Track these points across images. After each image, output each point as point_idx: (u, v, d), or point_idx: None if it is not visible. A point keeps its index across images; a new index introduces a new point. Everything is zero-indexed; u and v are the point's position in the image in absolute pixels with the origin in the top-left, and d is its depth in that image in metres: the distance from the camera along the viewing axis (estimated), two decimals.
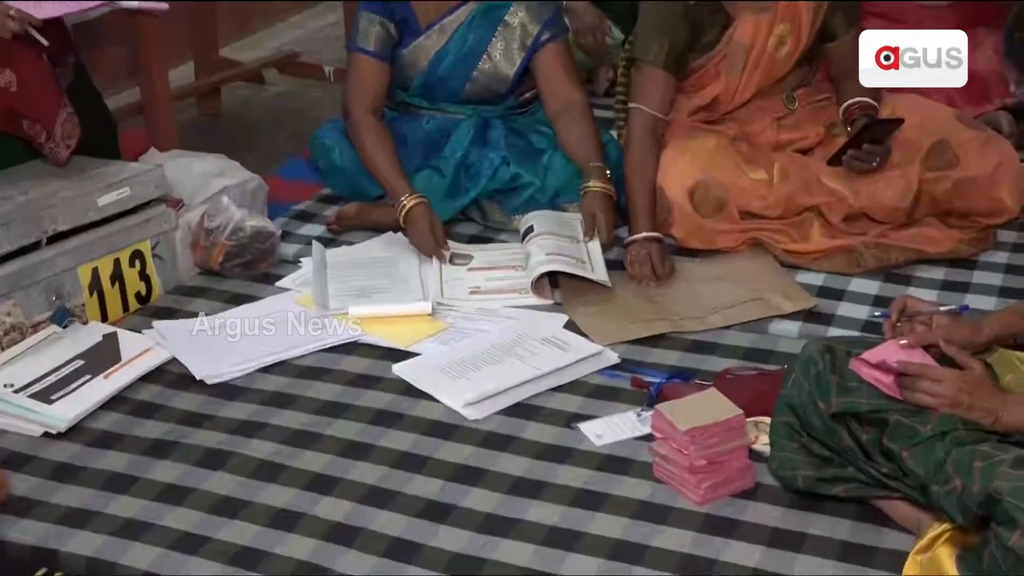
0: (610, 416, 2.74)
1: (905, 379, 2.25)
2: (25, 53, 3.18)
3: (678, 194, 3.33)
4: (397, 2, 3.56)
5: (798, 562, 2.30)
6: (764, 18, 3.42)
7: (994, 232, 3.31)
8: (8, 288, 3.03)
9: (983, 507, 2.05)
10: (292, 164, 4.01)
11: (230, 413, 2.85)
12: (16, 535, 2.46)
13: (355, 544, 2.40)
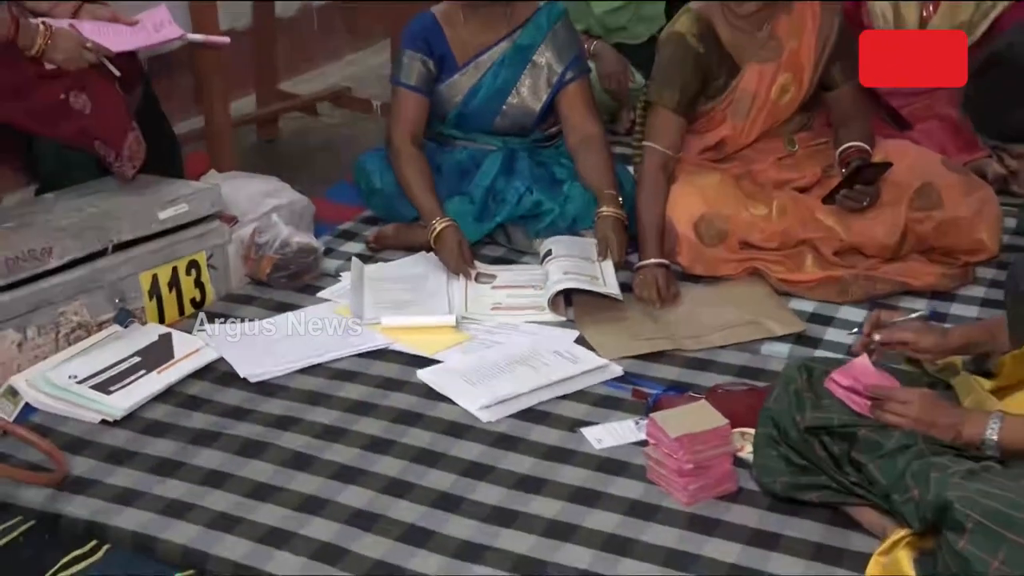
0: (611, 423, 2.76)
1: (875, 400, 2.27)
2: (99, 81, 3.24)
3: (685, 225, 3.33)
4: (437, 42, 3.57)
5: (771, 560, 2.31)
6: (768, 68, 3.43)
7: (973, 269, 3.30)
8: (77, 290, 3.06)
9: (936, 514, 2.07)
10: (338, 188, 4.01)
11: (268, 408, 2.87)
12: (71, 510, 2.49)
13: (373, 529, 2.42)
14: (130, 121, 3.29)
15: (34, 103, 3.18)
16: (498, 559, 2.33)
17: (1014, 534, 1.95)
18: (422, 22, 3.62)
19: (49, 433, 2.73)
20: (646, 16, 4.41)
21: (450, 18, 3.60)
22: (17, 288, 2.97)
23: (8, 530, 2.49)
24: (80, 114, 3.20)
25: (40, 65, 3.17)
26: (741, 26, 3.41)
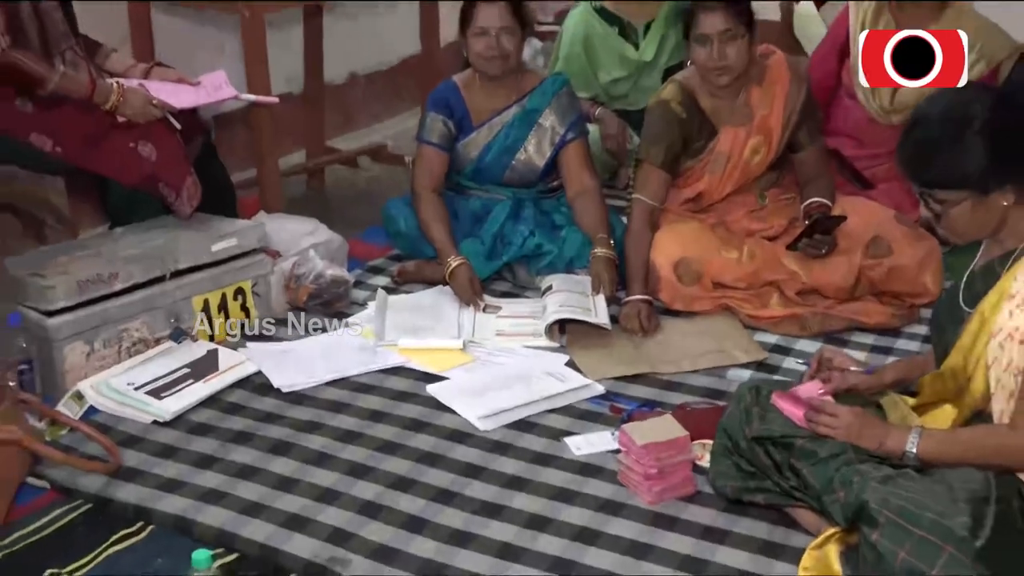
0: (590, 433, 2.77)
1: (810, 412, 2.29)
2: (163, 132, 3.26)
3: (666, 267, 3.33)
4: (457, 105, 3.59)
5: (720, 552, 2.34)
6: (742, 132, 3.43)
7: (918, 309, 3.30)
8: (139, 310, 3.09)
9: (857, 513, 2.10)
10: (370, 230, 4.02)
11: (296, 415, 2.89)
12: (122, 495, 2.54)
13: (379, 517, 2.46)
14: (189, 167, 3.31)
15: (108, 151, 3.21)
16: (485, 546, 2.37)
17: (919, 529, 1.99)
18: (445, 88, 3.64)
19: (108, 430, 2.75)
20: (644, 87, 4.36)
21: (468, 85, 3.61)
22: (87, 307, 2.99)
23: (69, 511, 2.53)
24: (146, 161, 3.23)
25: (113, 118, 3.19)
26: (719, 95, 3.42)
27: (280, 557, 2.36)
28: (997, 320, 2.14)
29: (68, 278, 2.97)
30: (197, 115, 3.48)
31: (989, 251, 2.27)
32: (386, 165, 4.80)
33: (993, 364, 2.15)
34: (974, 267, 2.29)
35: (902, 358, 2.82)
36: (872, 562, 2.05)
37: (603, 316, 3.24)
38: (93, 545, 2.42)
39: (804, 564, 2.23)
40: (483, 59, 3.51)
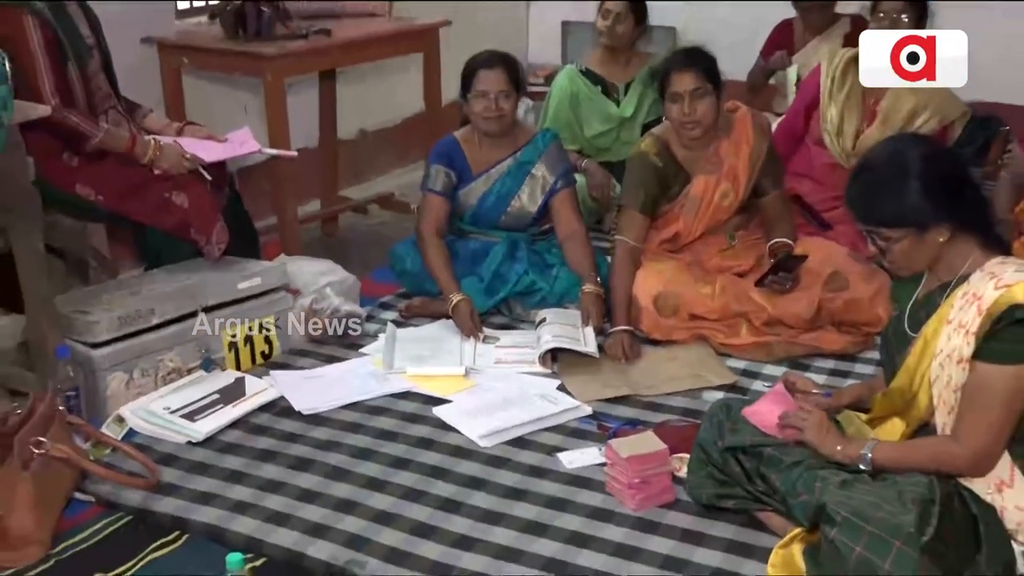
0: (580, 449, 2.80)
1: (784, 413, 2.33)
2: (194, 183, 3.27)
3: (646, 300, 3.35)
4: (457, 158, 3.60)
5: (698, 553, 2.37)
6: (712, 179, 3.46)
7: (872, 337, 3.27)
8: (173, 343, 3.10)
9: (818, 513, 2.14)
10: (380, 271, 3.99)
11: (316, 434, 2.90)
12: (161, 507, 2.56)
13: (392, 524, 2.48)
14: (218, 214, 3.31)
15: (145, 200, 3.21)
16: (487, 549, 2.40)
17: (872, 527, 2.03)
18: (446, 143, 3.64)
19: (146, 450, 2.77)
20: (625, 140, 4.38)
21: (468, 140, 3.63)
22: (127, 340, 3.00)
23: (113, 521, 2.56)
24: (180, 209, 3.23)
25: (151, 170, 3.20)
26: (691, 146, 3.45)
27: (304, 560, 2.38)
28: (938, 343, 2.18)
29: (110, 314, 2.98)
30: (225, 167, 3.49)
31: (929, 282, 2.30)
32: (394, 212, 4.81)
33: (935, 382, 2.19)
34: (917, 297, 2.32)
35: (857, 382, 2.85)
36: (832, 557, 2.08)
37: (591, 346, 3.26)
38: (135, 552, 2.44)
39: (772, 562, 2.27)
40: (483, 118, 3.53)
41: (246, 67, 4.03)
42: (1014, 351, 2.08)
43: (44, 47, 3.05)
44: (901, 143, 2.31)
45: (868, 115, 3.96)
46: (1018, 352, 2.08)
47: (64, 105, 3.08)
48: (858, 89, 3.92)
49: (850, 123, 3.95)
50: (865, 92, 3.94)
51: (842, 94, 3.95)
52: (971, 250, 2.21)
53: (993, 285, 2.11)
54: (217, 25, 4.05)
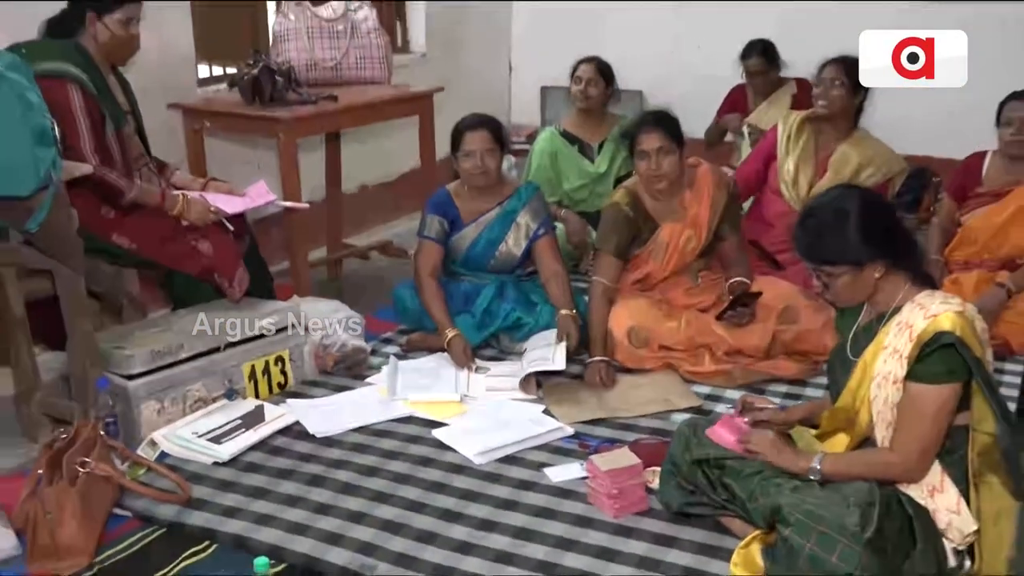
0: (564, 465, 2.82)
1: (743, 435, 2.38)
2: (218, 233, 3.31)
3: (620, 334, 3.39)
4: (449, 208, 3.62)
5: (670, 554, 2.41)
6: (678, 226, 3.49)
7: (821, 364, 3.21)
8: (199, 375, 3.12)
9: (773, 515, 2.20)
10: (382, 309, 3.99)
11: (328, 455, 2.92)
12: (191, 520, 2.59)
13: (399, 533, 2.52)
14: (239, 260, 3.34)
15: (174, 248, 3.23)
16: (485, 553, 2.44)
17: (821, 526, 2.09)
18: (440, 195, 3.66)
19: (177, 470, 2.79)
20: (599, 192, 4.42)
21: (459, 193, 3.65)
22: (158, 372, 3.02)
23: (148, 534, 2.58)
24: (205, 256, 3.26)
25: (179, 222, 3.23)
26: (658, 198, 3.48)
27: (321, 566, 2.41)
28: (876, 366, 2.25)
29: (144, 349, 3.01)
30: (244, 219, 3.51)
31: (868, 314, 2.36)
32: (392, 257, 4.82)
33: (874, 400, 2.26)
34: (857, 326, 2.38)
35: (806, 402, 2.91)
36: (786, 554, 2.14)
37: (559, 363, 3.25)
38: (169, 560, 2.47)
39: (734, 561, 2.32)
40: (471, 174, 3.56)
41: (262, 129, 4.05)
42: (940, 372, 2.15)
43: (85, 113, 3.07)
44: (841, 192, 2.36)
45: (820, 168, 4.04)
46: (944, 373, 2.15)
47: (103, 164, 3.10)
48: (811, 146, 4.04)
49: (804, 175, 4.05)
50: (817, 148, 4.05)
51: (797, 150, 4.06)
52: (903, 285, 2.27)
53: (923, 315, 2.18)
54: (235, 92, 4.08)
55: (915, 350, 2.17)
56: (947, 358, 2.15)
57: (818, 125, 4.07)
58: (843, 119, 4.04)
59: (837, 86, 3.95)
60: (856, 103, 4.02)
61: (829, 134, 4.06)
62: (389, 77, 4.51)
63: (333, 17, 4.39)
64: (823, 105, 4.01)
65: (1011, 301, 3.56)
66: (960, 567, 2.20)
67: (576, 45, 4.83)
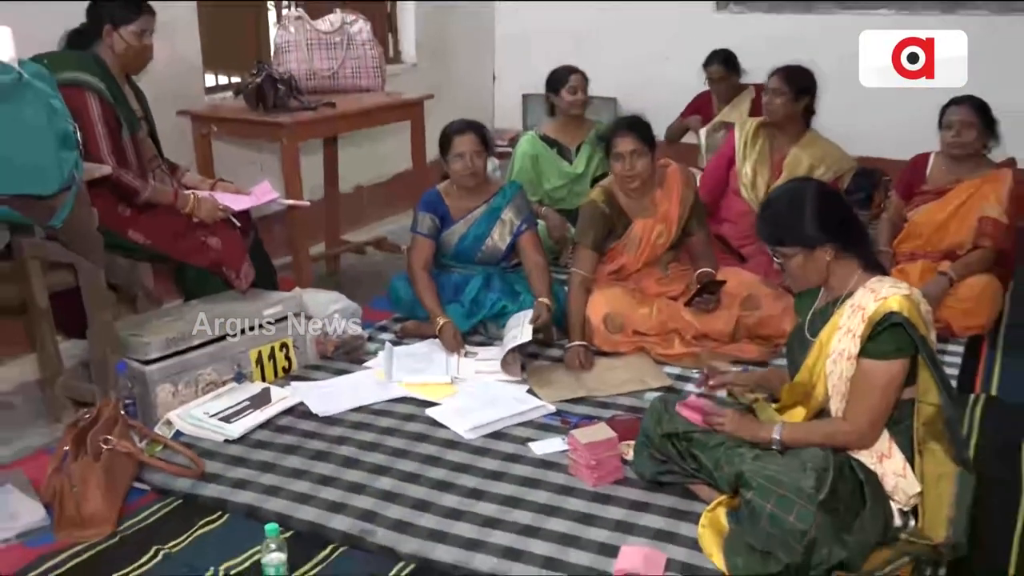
0: (547, 439, 2.86)
1: (707, 415, 2.42)
2: (226, 229, 3.32)
3: (597, 320, 3.42)
4: (440, 206, 3.63)
5: (644, 518, 2.45)
6: (649, 222, 3.53)
7: (780, 347, 3.25)
8: (210, 360, 3.13)
9: (737, 480, 2.24)
10: (378, 299, 4.02)
11: (330, 432, 2.94)
12: (205, 492, 2.61)
13: (396, 502, 2.55)
14: (245, 254, 3.35)
15: (185, 243, 3.24)
16: (475, 519, 2.47)
17: (780, 489, 2.13)
18: (431, 194, 3.68)
19: (191, 446, 2.81)
20: (577, 191, 4.44)
21: (448, 192, 3.66)
22: (172, 358, 3.04)
23: (166, 505, 2.61)
24: (214, 250, 3.28)
25: (190, 219, 3.24)
26: (632, 196, 3.52)
27: (325, 532, 2.45)
28: (831, 345, 2.29)
29: (159, 337, 3.02)
30: (249, 215, 3.51)
31: (823, 298, 2.41)
32: (386, 252, 4.83)
33: (830, 375, 2.31)
34: (814, 310, 2.42)
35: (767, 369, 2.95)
36: (749, 514, 2.19)
37: (526, 336, 3.26)
38: (185, 528, 2.50)
39: (702, 523, 2.36)
40: (460, 175, 3.57)
41: (265, 134, 4.06)
42: (889, 349, 2.21)
43: (103, 119, 3.08)
44: (797, 183, 2.44)
45: (775, 171, 4.07)
46: (892, 350, 2.20)
47: (119, 166, 3.10)
48: (766, 150, 4.08)
49: (762, 177, 4.08)
50: (772, 151, 4.08)
51: (753, 154, 4.10)
52: (854, 270, 2.32)
53: (873, 298, 2.24)
54: (240, 100, 4.10)
55: (867, 329, 2.21)
56: (895, 336, 2.20)
57: (771, 130, 4.10)
58: (792, 124, 4.05)
59: (780, 95, 3.98)
60: (801, 108, 4.03)
61: (782, 138, 4.09)
62: (382, 85, 4.52)
63: (330, 30, 4.40)
64: (768, 113, 4.05)
65: (952, 288, 3.62)
66: (905, 526, 2.25)
67: (554, 57, 4.81)
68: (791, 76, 3.97)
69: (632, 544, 2.34)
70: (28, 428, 3.02)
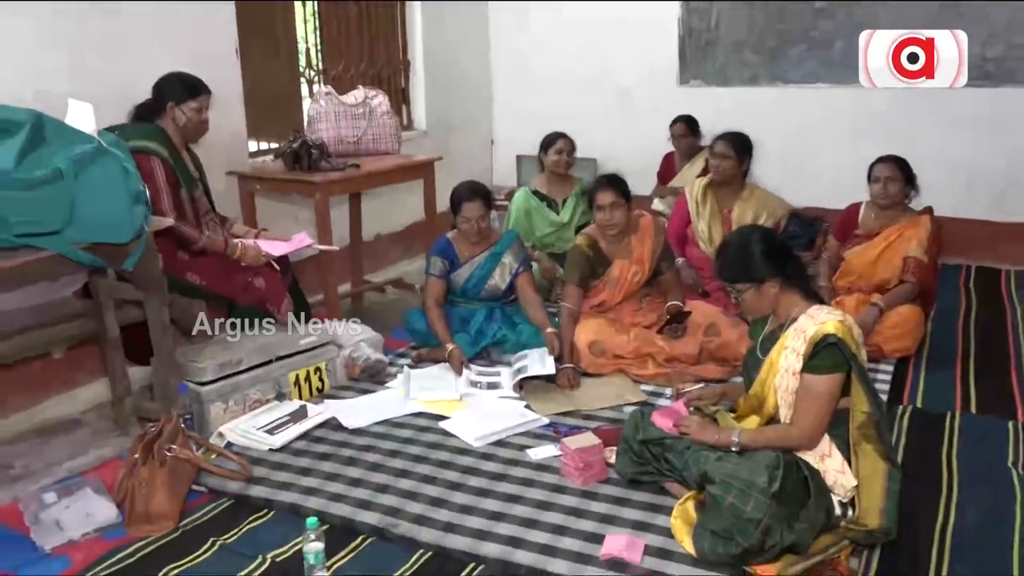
0: (542, 446, 2.88)
1: (678, 422, 2.46)
2: (268, 271, 3.35)
3: (583, 346, 3.43)
4: (449, 252, 3.65)
5: (624, 511, 2.48)
6: (626, 263, 3.57)
7: (737, 367, 3.21)
8: (255, 382, 3.14)
9: (702, 479, 2.27)
10: (396, 330, 4.00)
11: (358, 441, 2.96)
12: (253, 493, 2.64)
13: (416, 499, 2.57)
14: (285, 292, 3.38)
15: (234, 283, 3.27)
16: (482, 513, 2.50)
17: (738, 484, 2.17)
18: (442, 241, 3.69)
19: (241, 454, 2.84)
20: (565, 237, 4.44)
21: (456, 239, 3.67)
22: (223, 380, 3.06)
23: (220, 504, 2.63)
24: (258, 289, 3.30)
25: (238, 263, 3.27)
26: (611, 241, 3.57)
27: (356, 525, 2.47)
28: (779, 363, 2.35)
29: (212, 362, 3.05)
30: (288, 260, 3.53)
31: (772, 323, 2.46)
32: (402, 290, 4.83)
33: (778, 388, 2.36)
34: (765, 333, 2.47)
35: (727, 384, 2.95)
36: (713, 506, 2.22)
37: (550, 368, 3.29)
38: (237, 523, 2.53)
39: (674, 515, 2.38)
40: (468, 233, 3.62)
41: (301, 190, 4.08)
42: (827, 366, 2.26)
43: (165, 180, 3.13)
44: (744, 230, 2.50)
45: (726, 223, 4.12)
46: (829, 366, 2.26)
47: (179, 219, 3.14)
48: (715, 207, 4.14)
49: (716, 231, 4.10)
50: (720, 207, 4.14)
51: (705, 213, 4.15)
52: (797, 300, 2.38)
53: (813, 323, 2.30)
54: (279, 162, 4.13)
55: (808, 349, 2.26)
56: (832, 355, 2.25)
57: (716, 189, 4.14)
58: (735, 182, 4.10)
59: (727, 159, 4.05)
60: (743, 169, 4.10)
61: (726, 195, 4.13)
62: (399, 149, 4.56)
63: (355, 103, 4.47)
64: (717, 174, 4.10)
65: (883, 317, 3.66)
66: (844, 515, 2.28)
67: (543, 125, 4.88)
68: (736, 141, 4.05)
69: (615, 533, 2.36)
70: (102, 441, 3.05)
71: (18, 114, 2.44)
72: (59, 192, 2.42)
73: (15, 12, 3.16)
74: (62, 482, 2.70)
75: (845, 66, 5.12)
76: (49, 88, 3.14)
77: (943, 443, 2.91)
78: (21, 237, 2.43)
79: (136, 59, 3.53)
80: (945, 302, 4.29)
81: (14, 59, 3.18)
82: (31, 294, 2.84)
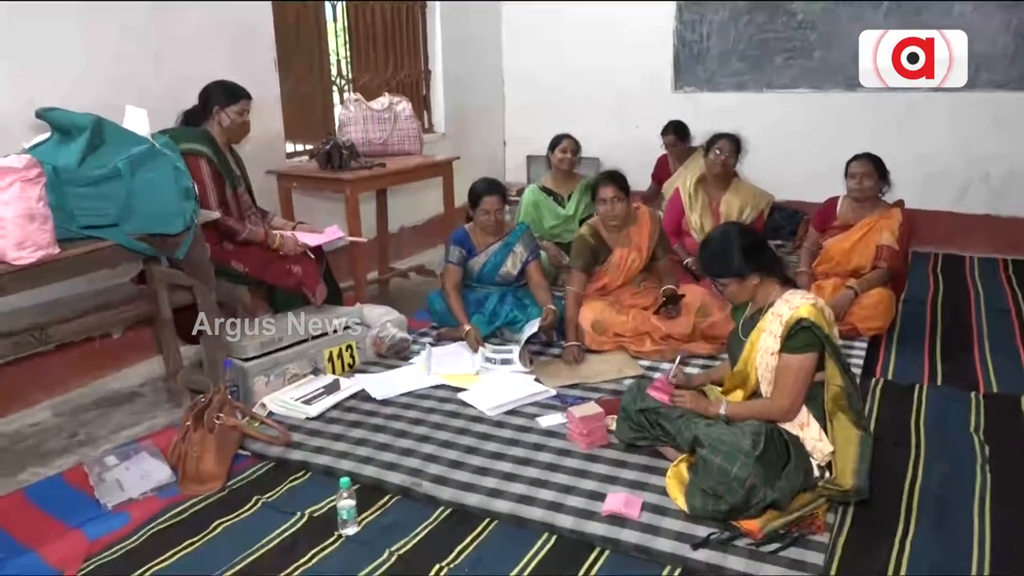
0: (550, 415, 2.87)
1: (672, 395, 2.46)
2: (305, 260, 3.33)
3: (587, 326, 3.41)
4: (467, 241, 3.61)
5: (624, 471, 2.48)
6: (626, 251, 3.54)
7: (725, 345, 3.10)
8: (293, 358, 3.12)
9: (694, 443, 2.28)
10: (419, 312, 3.99)
11: (385, 411, 2.96)
12: (292, 457, 2.64)
13: (436, 462, 2.58)
14: (320, 278, 3.35)
15: (274, 270, 3.25)
16: (497, 474, 2.50)
17: (726, 447, 2.17)
18: (460, 231, 3.66)
19: (281, 422, 2.83)
20: (570, 229, 4.37)
21: (473, 230, 3.63)
22: (265, 356, 3.06)
23: (263, 466, 2.65)
24: (296, 276, 3.28)
25: (277, 252, 3.25)
26: (612, 231, 3.53)
27: (384, 485, 2.48)
28: (759, 343, 2.34)
29: (255, 341, 3.06)
30: (322, 249, 3.49)
31: (752, 308, 2.44)
32: (424, 276, 4.83)
33: (759, 367, 2.36)
34: (746, 317, 2.46)
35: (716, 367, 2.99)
36: (703, 466, 2.22)
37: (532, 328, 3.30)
38: (278, 484, 2.55)
39: (668, 475, 2.39)
40: (485, 224, 3.58)
41: (333, 187, 4.05)
42: (802, 345, 2.25)
43: (211, 178, 3.12)
44: (723, 228, 2.46)
45: (715, 216, 4.10)
46: (803, 346, 2.25)
47: (224, 213, 3.14)
48: (705, 201, 4.13)
49: (707, 222, 4.09)
50: (710, 201, 4.11)
51: (697, 206, 4.14)
52: (774, 287, 2.37)
53: (788, 307, 2.29)
54: (313, 162, 4.12)
55: (784, 331, 2.26)
56: (806, 336, 2.24)
57: (705, 183, 4.14)
58: (725, 177, 4.12)
59: (726, 157, 4.04)
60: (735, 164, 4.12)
61: (714, 188, 4.14)
62: (420, 150, 4.54)
63: (381, 109, 4.45)
64: (716, 171, 4.09)
65: (857, 299, 3.63)
66: (822, 476, 2.29)
67: (550, 128, 4.85)
68: (734, 141, 4.05)
69: (615, 491, 2.37)
70: (156, 411, 3.09)
71: (80, 119, 2.46)
72: (117, 188, 2.45)
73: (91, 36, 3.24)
74: (122, 447, 2.73)
75: (823, 73, 5.18)
76: (109, 96, 3.16)
77: (911, 412, 2.92)
78: (85, 229, 2.46)
79: (184, 71, 3.54)
80: (915, 286, 4.28)
81: (85, 72, 3.22)
82: (93, 280, 2.87)
